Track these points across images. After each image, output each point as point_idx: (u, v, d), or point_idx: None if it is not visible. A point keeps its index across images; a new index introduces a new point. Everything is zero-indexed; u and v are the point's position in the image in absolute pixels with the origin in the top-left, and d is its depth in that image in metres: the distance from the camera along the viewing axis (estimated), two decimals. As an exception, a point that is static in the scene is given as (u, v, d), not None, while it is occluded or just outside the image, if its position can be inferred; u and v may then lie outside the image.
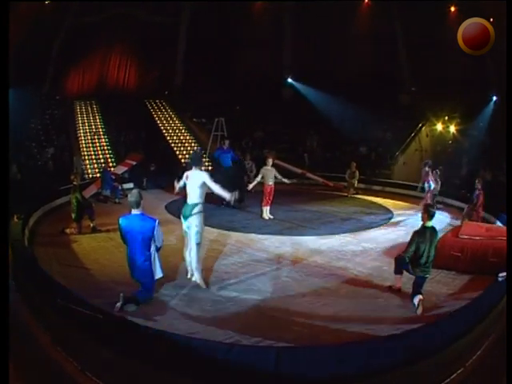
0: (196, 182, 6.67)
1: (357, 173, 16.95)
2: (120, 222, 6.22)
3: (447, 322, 5.25)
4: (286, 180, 12.60)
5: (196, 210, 6.63)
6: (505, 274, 6.65)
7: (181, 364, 4.38)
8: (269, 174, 12.11)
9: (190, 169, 6.84)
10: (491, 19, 8.69)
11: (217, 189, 6.83)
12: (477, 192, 11.65)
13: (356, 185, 17.15)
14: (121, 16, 23.36)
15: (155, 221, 6.16)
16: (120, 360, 4.46)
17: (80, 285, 6.75)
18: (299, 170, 18.56)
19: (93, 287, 6.88)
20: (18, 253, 7.27)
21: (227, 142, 14.26)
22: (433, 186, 13.42)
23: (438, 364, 4.53)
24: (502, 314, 5.65)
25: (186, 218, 6.75)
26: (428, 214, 6.58)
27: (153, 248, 6.21)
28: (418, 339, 4.82)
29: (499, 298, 5.91)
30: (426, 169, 13.57)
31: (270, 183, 12.12)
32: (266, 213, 12.24)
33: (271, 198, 12.22)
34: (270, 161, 12.25)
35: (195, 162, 6.87)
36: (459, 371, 4.71)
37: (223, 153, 13.89)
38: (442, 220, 12.19)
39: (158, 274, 6.37)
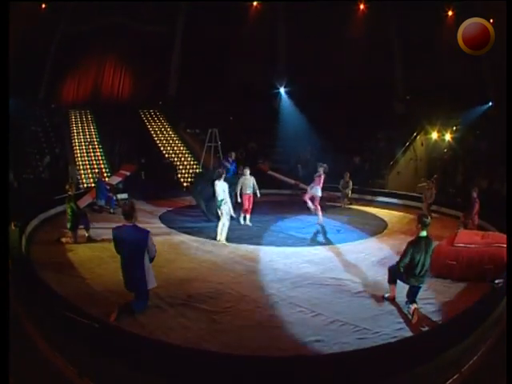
0: (221, 187, 10.73)
1: (350, 183, 16.93)
2: (113, 233, 6.26)
3: (444, 330, 5.21)
4: (258, 193, 13.09)
5: (223, 202, 10.62)
6: (501, 280, 6.61)
7: (177, 373, 4.38)
8: (247, 184, 12.72)
9: (216, 179, 10.98)
10: (491, 20, 8.65)
11: (227, 197, 10.78)
12: (472, 200, 11.62)
13: (350, 195, 17.12)
14: (115, 25, 23.47)
15: (148, 232, 6.21)
16: (117, 367, 4.46)
17: (76, 293, 6.79)
18: (292, 181, 18.55)
19: (88, 296, 6.90)
20: (16, 260, 7.31)
21: (233, 155, 15.63)
22: (319, 193, 13.23)
23: (433, 370, 4.51)
24: (499, 320, 5.61)
25: (219, 207, 10.78)
26: (422, 224, 6.50)
27: (146, 259, 6.23)
28: (413, 347, 4.79)
29: (496, 304, 5.85)
30: (322, 174, 13.16)
31: (248, 192, 12.71)
32: (247, 220, 12.74)
33: (250, 206, 12.81)
34: (247, 171, 12.89)
35: (218, 177, 10.90)
36: (455, 377, 4.69)
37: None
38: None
39: (152, 284, 6.41)
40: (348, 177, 16.95)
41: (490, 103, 20.46)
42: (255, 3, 24.88)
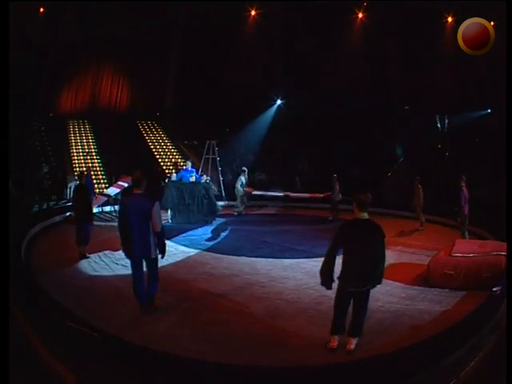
0: None
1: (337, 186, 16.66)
2: (124, 200, 6.73)
3: (442, 339, 5.22)
4: None
5: None
6: (499, 287, 6.61)
7: (175, 382, 4.46)
8: None
9: None
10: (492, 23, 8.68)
11: None
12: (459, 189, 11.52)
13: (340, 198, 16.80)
14: (111, 35, 23.63)
15: (155, 201, 6.40)
16: (117, 376, 4.50)
17: (76, 302, 6.78)
18: (281, 193, 18.44)
19: (88, 305, 6.87)
20: (17, 267, 7.39)
21: (189, 164, 16.22)
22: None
23: (431, 377, 4.53)
24: (496, 327, 5.63)
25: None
26: (357, 203, 5.27)
27: (151, 229, 6.37)
28: (411, 356, 4.79)
29: (493, 312, 5.86)
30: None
31: None
32: None
33: None
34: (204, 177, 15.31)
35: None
36: (452, 383, 4.69)
37: (186, 172, 15.41)
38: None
39: (155, 254, 6.55)
40: (336, 180, 16.62)
41: (489, 110, 20.54)
42: (253, 12, 24.92)
